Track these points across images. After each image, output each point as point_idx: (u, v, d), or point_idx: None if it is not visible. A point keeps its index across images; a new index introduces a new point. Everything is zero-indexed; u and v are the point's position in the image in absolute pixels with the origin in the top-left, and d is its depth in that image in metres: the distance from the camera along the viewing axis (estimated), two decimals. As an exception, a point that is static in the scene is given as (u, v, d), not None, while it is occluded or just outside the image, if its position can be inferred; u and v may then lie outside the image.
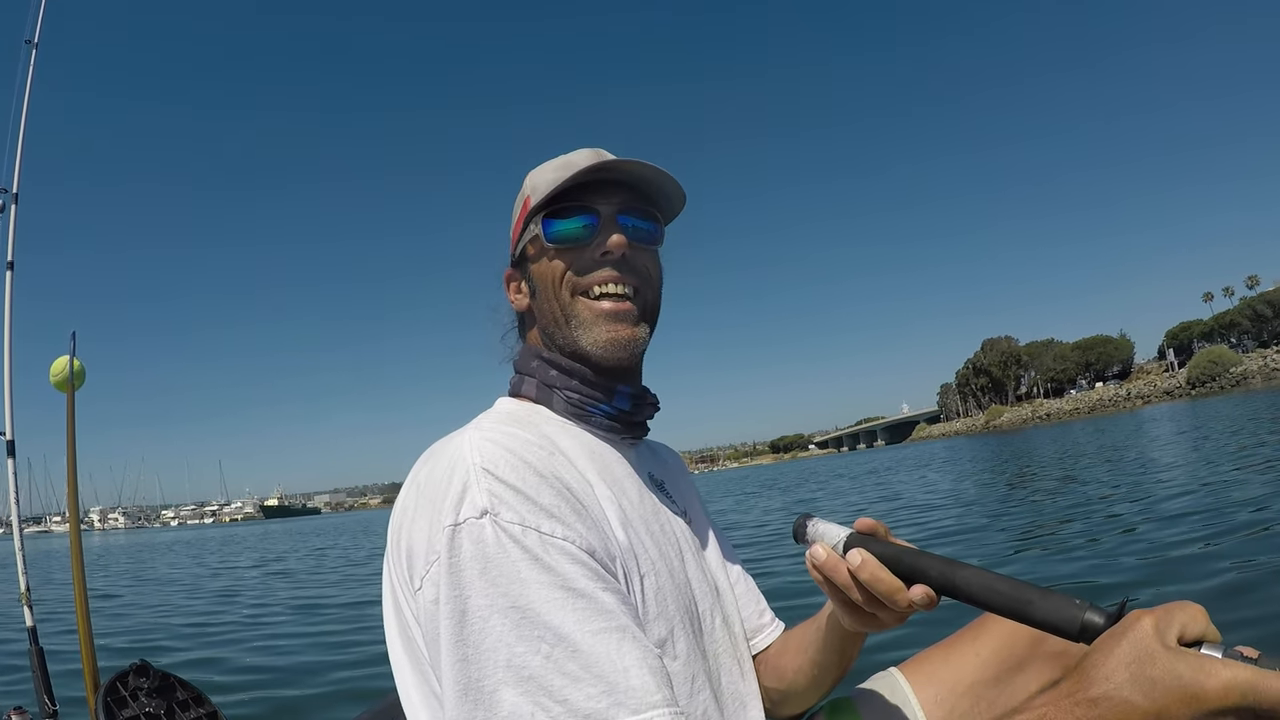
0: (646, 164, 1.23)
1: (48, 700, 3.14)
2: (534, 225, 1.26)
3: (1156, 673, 0.73)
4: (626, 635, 0.88)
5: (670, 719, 0.84)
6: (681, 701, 1.04)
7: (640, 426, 1.33)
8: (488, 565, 0.88)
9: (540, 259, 1.27)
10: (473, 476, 0.95)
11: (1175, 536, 7.24)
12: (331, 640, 7.80)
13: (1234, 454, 14.17)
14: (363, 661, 6.42)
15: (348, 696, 5.34)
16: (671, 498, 1.36)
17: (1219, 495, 9.42)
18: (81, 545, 3.36)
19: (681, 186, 1.29)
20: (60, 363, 3.54)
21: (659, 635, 1.07)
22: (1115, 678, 0.75)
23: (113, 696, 3.04)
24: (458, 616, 0.87)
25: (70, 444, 3.50)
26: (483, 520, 0.90)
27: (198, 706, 3.20)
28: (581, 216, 1.24)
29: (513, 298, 1.36)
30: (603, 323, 1.22)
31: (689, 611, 1.16)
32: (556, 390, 1.25)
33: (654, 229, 1.31)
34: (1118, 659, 0.76)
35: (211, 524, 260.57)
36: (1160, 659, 0.74)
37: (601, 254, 1.23)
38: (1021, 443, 42.73)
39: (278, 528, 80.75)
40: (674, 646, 1.08)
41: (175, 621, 10.16)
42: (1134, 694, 0.73)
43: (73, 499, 3.48)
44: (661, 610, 1.08)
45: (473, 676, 0.85)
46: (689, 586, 1.20)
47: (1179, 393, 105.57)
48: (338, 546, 26.48)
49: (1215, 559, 6.00)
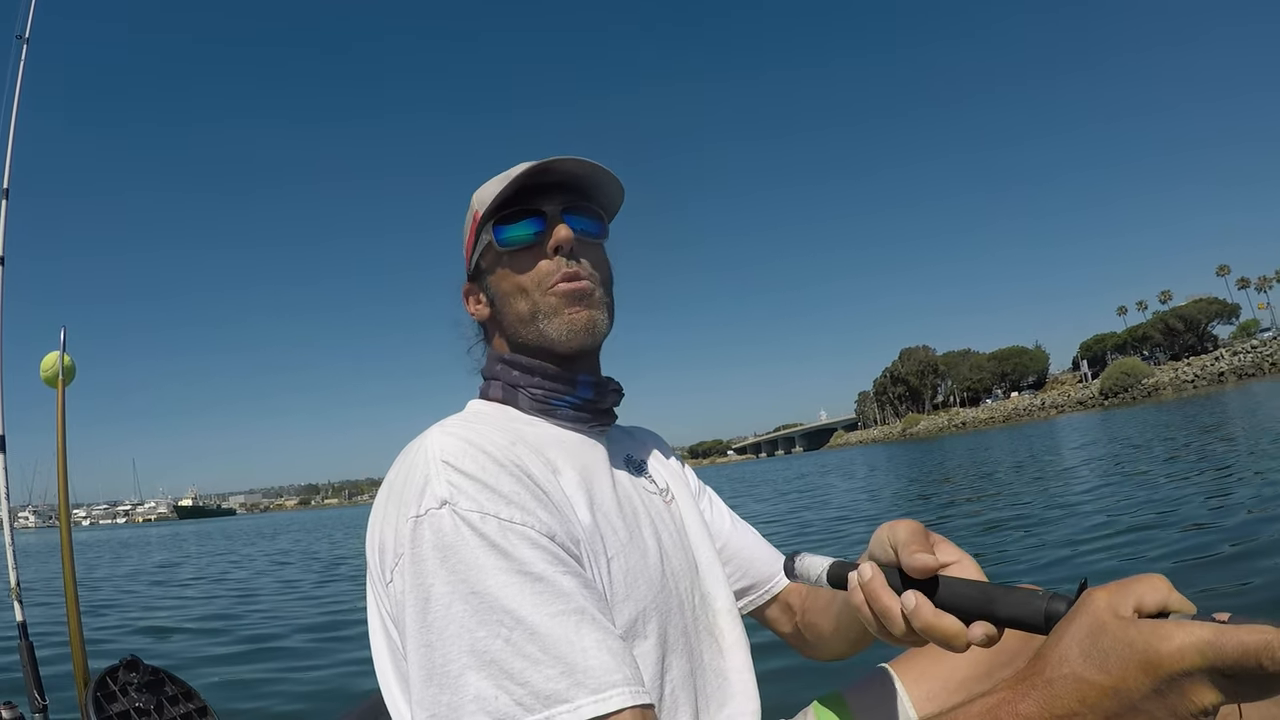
0: (581, 160, 1.27)
1: (37, 695, 3.13)
2: (485, 234, 1.30)
3: (1108, 644, 0.69)
4: (585, 617, 0.90)
5: (630, 697, 0.87)
6: (650, 680, 1.07)
7: (607, 414, 1.36)
8: (447, 553, 0.91)
9: (496, 267, 1.31)
10: (433, 469, 1.00)
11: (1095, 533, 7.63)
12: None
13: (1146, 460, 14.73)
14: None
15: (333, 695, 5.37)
16: (651, 478, 1.40)
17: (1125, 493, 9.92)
18: (71, 541, 3.36)
19: (618, 179, 1.33)
20: (50, 358, 3.52)
21: (629, 616, 1.09)
22: (1070, 656, 0.71)
23: (103, 691, 3.04)
24: (421, 604, 0.90)
25: (60, 440, 3.49)
26: (442, 510, 0.94)
27: (187, 701, 3.21)
28: (528, 220, 1.28)
29: (473, 310, 1.40)
30: (564, 308, 1.26)
31: (664, 590, 1.17)
32: (520, 389, 1.29)
33: (598, 225, 1.35)
34: (1071, 637, 0.73)
35: (124, 524, 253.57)
36: (1110, 629, 0.70)
37: (554, 250, 1.27)
38: (938, 449, 43.71)
39: (192, 529, 79.00)
40: (644, 626, 1.11)
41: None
42: (1088, 670, 0.70)
43: (63, 495, 3.47)
44: (631, 591, 1.11)
45: (437, 661, 0.88)
46: (664, 566, 1.21)
47: (1092, 403, 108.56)
48: (267, 554, 25.87)
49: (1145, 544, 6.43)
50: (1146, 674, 0.67)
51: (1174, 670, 0.66)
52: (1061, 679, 0.71)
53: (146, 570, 20.41)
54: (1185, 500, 8.81)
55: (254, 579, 15.33)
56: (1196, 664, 0.65)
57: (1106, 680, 0.69)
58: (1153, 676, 0.67)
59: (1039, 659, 0.75)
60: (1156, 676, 0.66)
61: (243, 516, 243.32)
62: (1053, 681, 0.72)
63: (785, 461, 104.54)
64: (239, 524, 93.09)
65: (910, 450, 53.26)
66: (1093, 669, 0.70)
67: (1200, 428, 21.28)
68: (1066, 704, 0.70)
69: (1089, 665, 0.70)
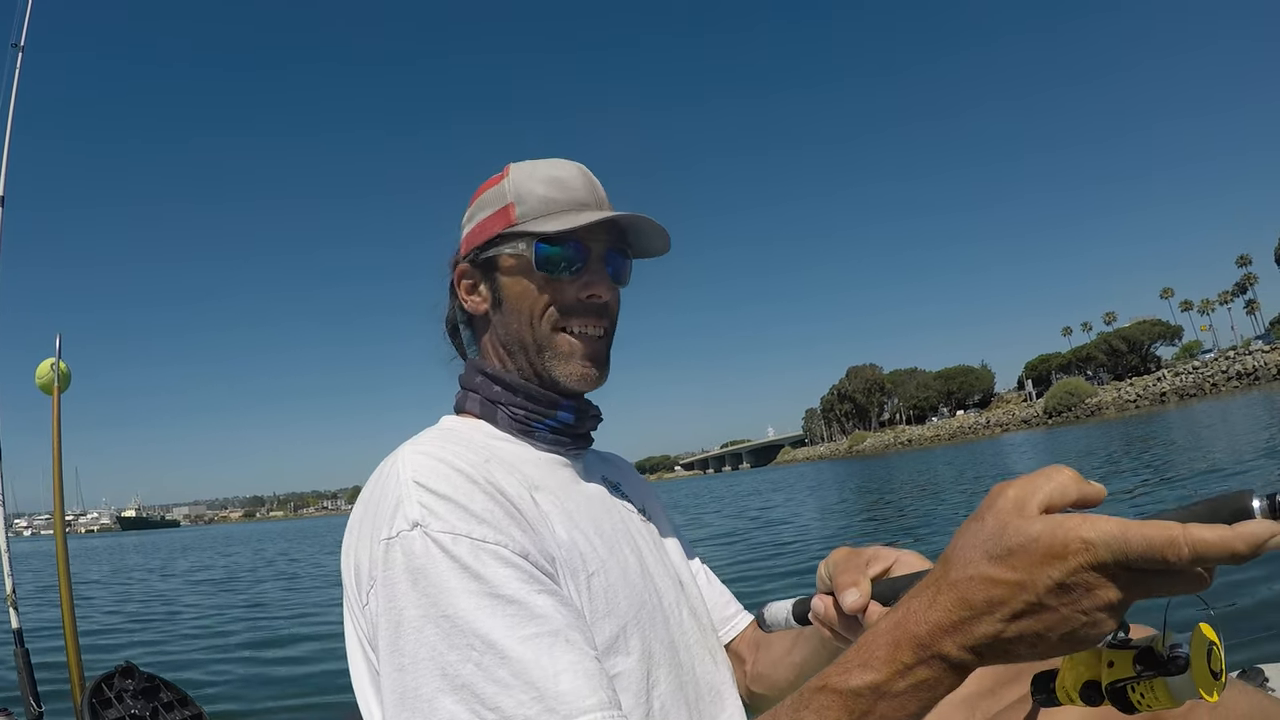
0: (647, 219, 1.25)
1: (34, 702, 3.12)
2: (521, 244, 1.24)
3: (1012, 540, 0.67)
4: (559, 640, 0.89)
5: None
6: (635, 697, 1.07)
7: (584, 438, 1.34)
8: (418, 576, 0.91)
9: (517, 276, 1.25)
10: (404, 490, 0.98)
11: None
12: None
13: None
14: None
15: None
16: (627, 497, 1.37)
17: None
18: (67, 547, 3.36)
19: (669, 242, 1.32)
20: (45, 365, 3.52)
21: (609, 633, 1.07)
22: (974, 557, 0.70)
23: (98, 698, 3.06)
24: (393, 628, 0.90)
25: (56, 446, 3.49)
26: (413, 532, 0.93)
27: (182, 708, 3.24)
28: (573, 247, 1.23)
29: (467, 298, 1.32)
30: (578, 360, 1.24)
31: (646, 606, 1.16)
32: (500, 406, 1.25)
33: (628, 271, 1.33)
34: (975, 536, 0.71)
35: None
36: (1014, 526, 0.68)
37: (587, 295, 1.24)
38: (884, 466, 44.22)
39: (135, 540, 77.61)
40: (626, 643, 1.09)
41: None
42: (993, 567, 0.68)
43: (58, 501, 3.47)
44: (611, 608, 1.09)
45: (409, 685, 0.87)
46: (647, 581, 1.20)
47: (1036, 421, 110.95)
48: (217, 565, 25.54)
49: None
50: (1051, 567, 0.65)
51: (1078, 563, 0.64)
52: (968, 580, 0.69)
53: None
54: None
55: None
56: (1101, 557, 0.64)
57: (1012, 575, 0.67)
58: (1059, 571, 0.65)
59: (945, 561, 0.73)
60: (1062, 571, 0.65)
61: (186, 528, 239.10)
62: (958, 583, 0.70)
63: (733, 478, 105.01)
64: (184, 535, 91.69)
65: (857, 467, 53.82)
66: (998, 566, 0.68)
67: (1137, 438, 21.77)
68: (975, 604, 0.69)
69: (994, 563, 0.68)
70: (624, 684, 1.05)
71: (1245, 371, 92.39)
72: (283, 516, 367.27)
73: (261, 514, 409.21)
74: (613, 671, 1.04)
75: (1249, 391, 72.76)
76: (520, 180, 1.26)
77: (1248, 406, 39.53)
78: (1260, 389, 72.73)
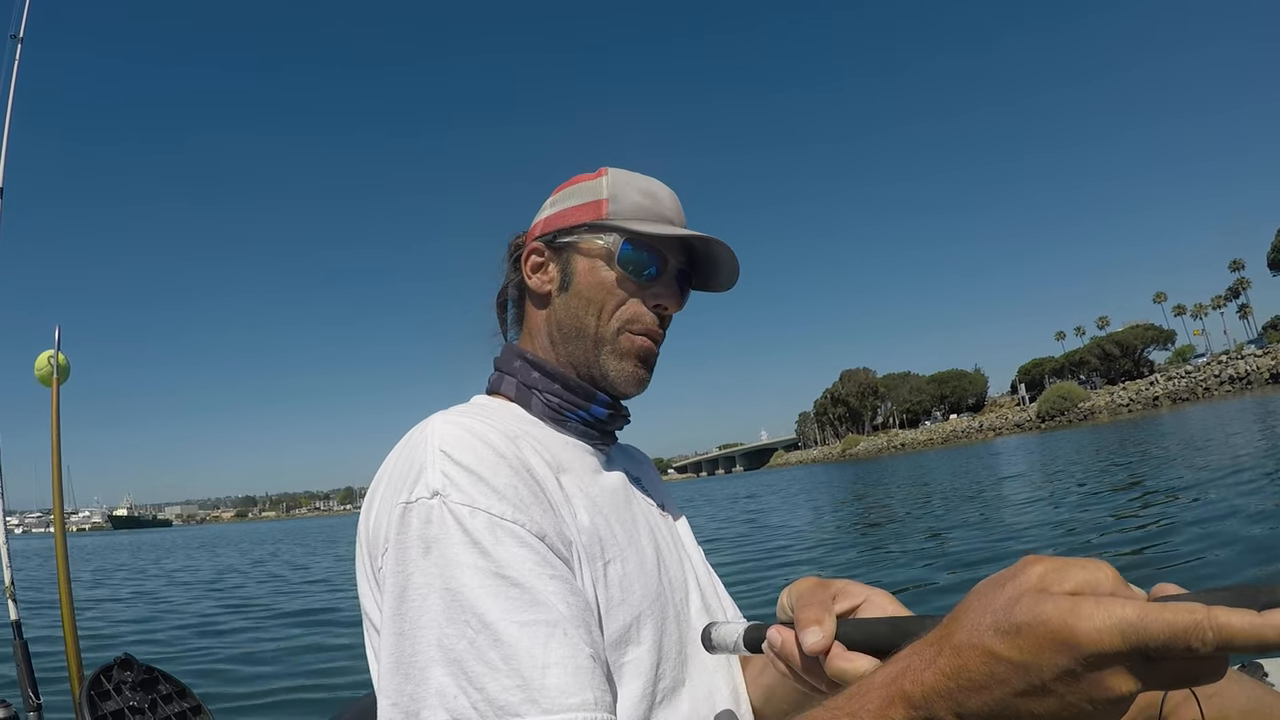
0: (728, 250, 1.28)
1: (32, 694, 3.12)
2: (607, 237, 1.25)
3: (1022, 617, 0.61)
4: (556, 631, 0.88)
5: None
6: (642, 687, 1.06)
7: (611, 435, 1.34)
8: (430, 546, 0.91)
9: (594, 267, 1.26)
10: (429, 458, 0.98)
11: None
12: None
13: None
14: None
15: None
16: (648, 491, 1.38)
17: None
18: (66, 540, 3.36)
19: (736, 280, 1.34)
20: (44, 357, 3.52)
21: (623, 621, 1.07)
22: (982, 625, 0.64)
23: (97, 690, 3.04)
24: (399, 593, 0.90)
25: (55, 439, 3.49)
26: (432, 501, 0.93)
27: (181, 700, 3.22)
28: (652, 255, 1.25)
29: (535, 277, 1.31)
30: (633, 360, 1.25)
31: (660, 599, 1.15)
32: (536, 392, 1.25)
33: (687, 296, 1.34)
34: (988, 603, 0.65)
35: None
36: (1028, 603, 0.62)
37: (655, 304, 1.26)
38: (876, 470, 44.34)
39: (127, 539, 77.50)
40: (638, 633, 1.08)
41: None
42: (999, 643, 0.62)
43: (58, 495, 3.47)
44: (626, 597, 1.08)
45: (406, 651, 0.87)
46: (663, 575, 1.20)
47: (1029, 425, 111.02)
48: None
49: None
50: (1060, 654, 0.59)
51: (1091, 652, 0.58)
52: (971, 648, 0.64)
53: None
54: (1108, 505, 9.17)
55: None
56: (1117, 646, 0.57)
57: (1016, 655, 0.61)
58: (1068, 657, 0.59)
59: (953, 621, 0.67)
60: (1072, 659, 0.59)
61: (179, 528, 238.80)
62: (960, 650, 0.64)
63: (726, 480, 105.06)
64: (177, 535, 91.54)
65: (849, 470, 53.89)
66: (1004, 642, 0.62)
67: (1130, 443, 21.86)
68: (973, 677, 0.63)
69: (1000, 638, 0.62)
70: (634, 672, 1.05)
71: (1237, 376, 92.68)
72: (275, 517, 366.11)
73: (254, 514, 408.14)
74: (624, 660, 1.05)
75: (1241, 396, 73.05)
76: (617, 181, 1.29)
77: (1240, 410, 39.67)
78: (1252, 393, 73.02)
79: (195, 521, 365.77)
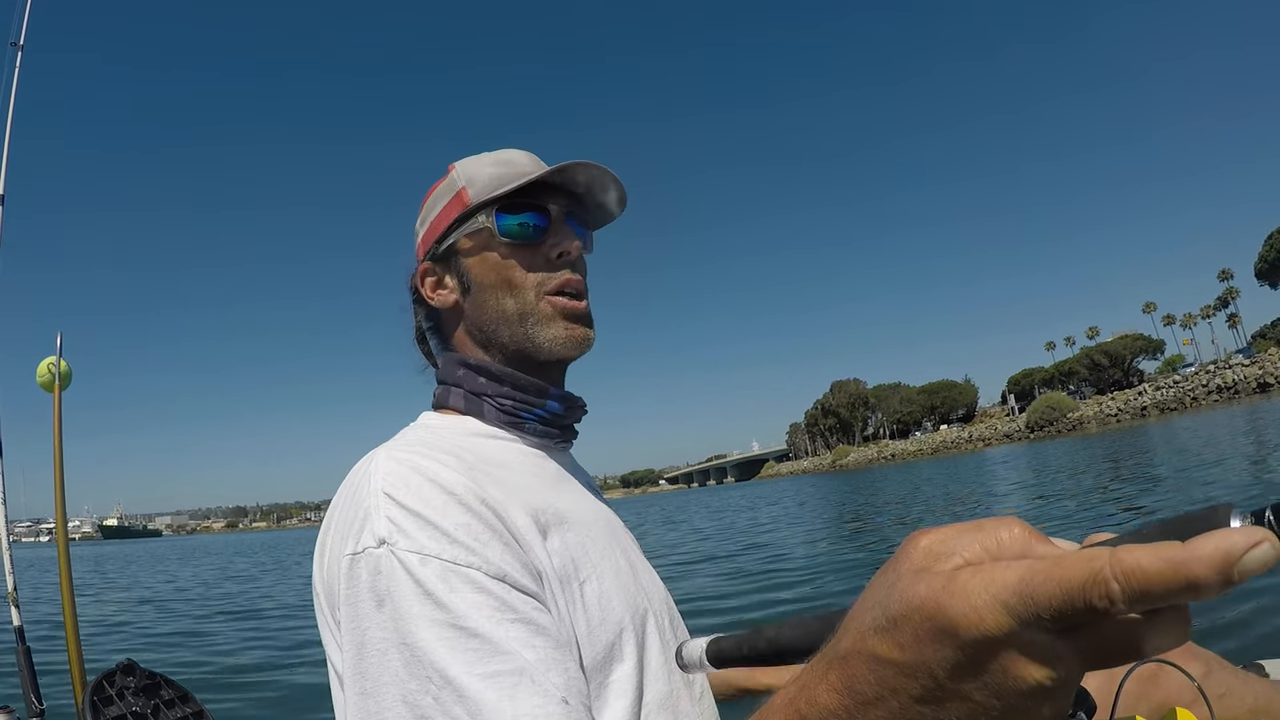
0: (602, 169, 1.22)
1: (35, 699, 3.12)
2: (482, 218, 1.20)
3: (894, 606, 0.49)
4: (524, 679, 0.81)
5: None
6: (629, 705, 1.02)
7: (570, 430, 1.29)
8: (382, 599, 0.85)
9: (483, 253, 1.21)
10: (373, 502, 0.91)
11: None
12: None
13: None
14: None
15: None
16: (604, 503, 1.32)
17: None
18: (68, 545, 3.36)
19: (624, 195, 1.28)
20: (45, 364, 3.53)
21: (606, 640, 1.02)
22: (864, 623, 0.52)
23: (99, 695, 3.04)
24: (357, 649, 0.85)
25: (57, 445, 3.49)
26: (379, 550, 0.86)
27: (184, 705, 3.21)
28: (533, 215, 1.20)
29: (432, 294, 1.26)
30: (562, 321, 1.19)
31: (638, 610, 1.11)
32: (486, 398, 1.19)
33: (590, 239, 1.31)
34: (871, 596, 0.53)
35: (48, 542, 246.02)
36: (900, 586, 0.50)
37: (557, 255, 1.21)
38: (867, 480, 44.42)
39: (115, 550, 77.23)
40: (621, 650, 1.04)
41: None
42: (880, 643, 0.50)
43: (60, 500, 3.47)
44: (605, 616, 1.04)
45: (371, 710, 0.82)
46: (637, 584, 1.16)
47: (1018, 435, 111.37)
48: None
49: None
50: (942, 644, 0.47)
51: (971, 635, 0.45)
52: (856, 655, 0.52)
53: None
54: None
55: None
56: (1002, 622, 0.44)
57: (899, 655, 0.49)
58: (950, 647, 0.46)
59: (843, 624, 0.56)
60: (956, 646, 0.46)
61: (169, 538, 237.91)
62: (847, 659, 0.53)
63: (716, 492, 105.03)
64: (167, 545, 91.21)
65: (840, 481, 54.00)
66: (885, 642, 0.50)
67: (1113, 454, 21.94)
68: (863, 689, 0.52)
69: (880, 636, 0.50)
70: (618, 691, 1.01)
71: (1225, 385, 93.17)
72: (265, 527, 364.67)
73: (244, 525, 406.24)
74: (609, 680, 1.01)
75: (1229, 405, 73.40)
76: (468, 167, 1.25)
77: (1228, 420, 39.81)
78: (1239, 403, 73.32)
79: (186, 532, 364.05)
